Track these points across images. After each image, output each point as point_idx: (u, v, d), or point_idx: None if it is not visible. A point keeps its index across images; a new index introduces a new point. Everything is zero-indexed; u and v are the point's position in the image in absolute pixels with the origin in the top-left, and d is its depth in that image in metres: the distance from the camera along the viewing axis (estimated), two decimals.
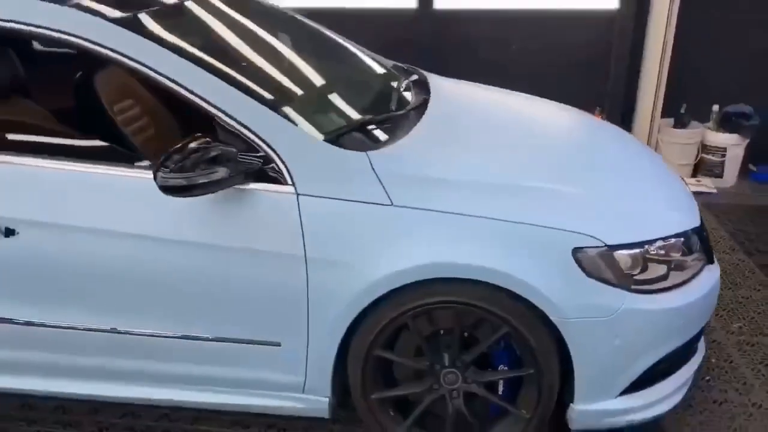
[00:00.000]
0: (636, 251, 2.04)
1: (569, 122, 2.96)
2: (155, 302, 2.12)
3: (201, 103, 2.00)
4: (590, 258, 1.98)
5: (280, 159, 2.00)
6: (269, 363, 2.18)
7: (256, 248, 2.02)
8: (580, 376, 2.07)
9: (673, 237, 2.14)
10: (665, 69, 4.66)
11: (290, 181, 2.00)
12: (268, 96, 2.15)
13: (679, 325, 2.15)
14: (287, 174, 2.00)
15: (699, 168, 4.84)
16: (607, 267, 1.99)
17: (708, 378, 2.70)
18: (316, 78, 2.63)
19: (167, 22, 2.33)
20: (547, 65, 4.73)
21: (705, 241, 2.30)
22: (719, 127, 4.73)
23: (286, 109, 2.14)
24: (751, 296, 3.30)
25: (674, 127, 4.81)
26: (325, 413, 2.25)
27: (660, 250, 2.10)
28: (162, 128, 3.08)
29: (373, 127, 2.29)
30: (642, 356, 2.09)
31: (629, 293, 2.01)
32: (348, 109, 2.44)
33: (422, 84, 2.91)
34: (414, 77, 3.00)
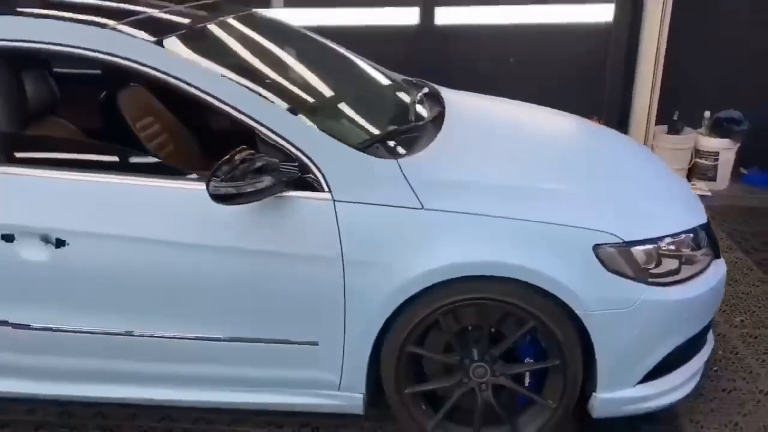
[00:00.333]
0: (650, 247, 2.19)
1: (577, 129, 3.13)
2: (201, 307, 2.23)
3: (243, 119, 2.12)
4: (610, 254, 2.12)
5: (317, 168, 2.13)
6: (307, 362, 2.29)
7: (296, 252, 2.14)
8: (602, 366, 2.20)
9: (683, 233, 2.29)
10: (658, 78, 4.86)
11: (327, 189, 2.12)
12: (304, 110, 2.29)
13: (692, 316, 2.29)
14: (324, 182, 2.13)
15: (693, 172, 5.02)
16: (626, 262, 2.13)
17: (716, 368, 2.84)
18: (342, 92, 2.77)
19: (199, 45, 2.46)
20: (546, 77, 4.90)
21: (711, 237, 2.45)
22: (711, 133, 4.93)
23: (321, 122, 2.27)
24: (751, 291, 3.46)
25: (668, 134, 4.99)
26: (360, 409, 2.36)
27: (671, 246, 2.24)
28: (180, 144, 3.22)
29: (400, 137, 2.44)
30: (659, 346, 2.23)
31: (646, 286, 2.15)
32: (375, 121, 2.57)
33: (434, 96, 3.06)
34: (425, 90, 3.16)
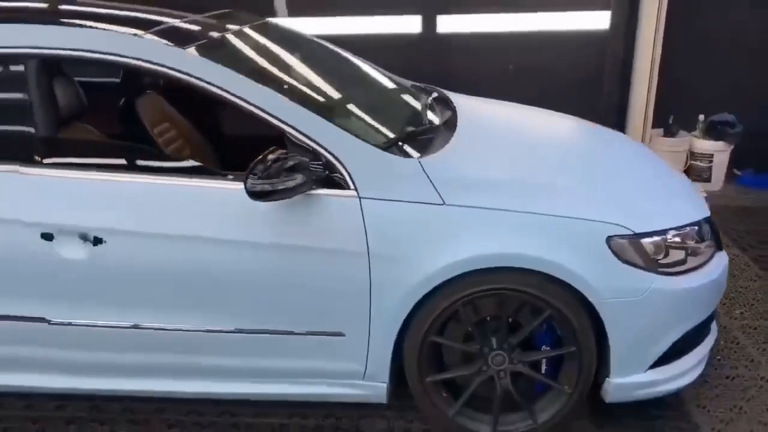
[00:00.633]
0: (659, 238, 2.31)
1: (581, 130, 3.27)
2: (232, 301, 2.33)
3: (273, 121, 2.24)
4: (622, 245, 2.24)
5: (343, 167, 2.24)
6: (333, 353, 2.39)
7: (324, 247, 2.25)
8: (615, 352, 2.32)
9: (688, 226, 2.42)
10: (654, 83, 5.01)
11: (353, 186, 2.24)
12: (329, 112, 2.40)
13: (698, 303, 2.42)
14: (350, 180, 2.24)
15: (688, 174, 5.15)
16: (636, 253, 2.26)
17: (719, 357, 2.97)
18: (358, 96, 2.89)
19: (223, 53, 2.57)
20: (544, 82, 5.04)
21: (714, 230, 2.58)
22: (705, 135, 5.08)
23: (346, 123, 2.39)
24: (749, 286, 3.60)
25: (664, 137, 5.15)
26: (383, 398, 2.47)
27: (677, 238, 2.37)
28: (195, 148, 3.32)
29: (418, 138, 2.56)
30: (668, 332, 2.35)
31: (656, 276, 2.27)
32: (393, 123, 2.69)
33: (444, 100, 3.19)
34: (434, 94, 3.29)
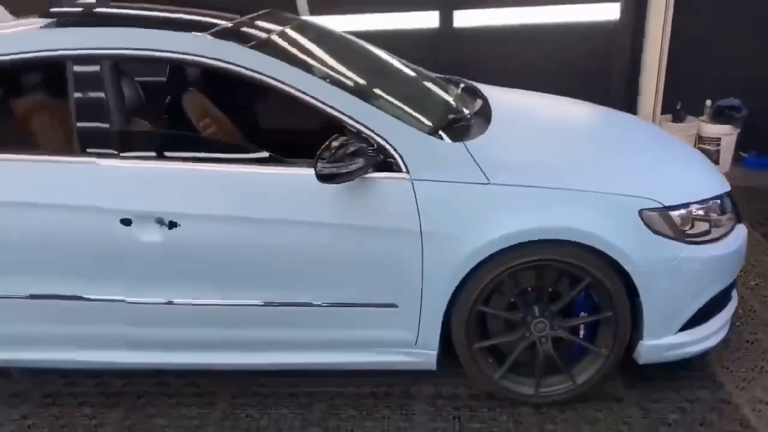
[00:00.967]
0: (685, 211, 2.52)
1: (602, 114, 3.49)
2: (298, 278, 2.53)
3: (333, 112, 2.44)
4: (653, 217, 2.45)
5: (396, 152, 2.44)
6: (387, 322, 2.60)
7: (381, 226, 2.45)
8: (648, 316, 2.52)
9: (711, 200, 2.63)
10: (663, 71, 5.23)
11: (405, 169, 2.44)
12: (379, 103, 2.61)
13: (722, 271, 2.64)
14: (402, 163, 2.44)
15: None
16: (666, 223, 2.47)
17: (738, 324, 3.18)
18: (399, 87, 3.09)
19: (276, 51, 2.75)
20: (557, 72, 5.26)
21: (734, 204, 2.79)
22: (712, 120, 5.30)
23: (396, 112, 2.60)
24: (762, 260, 3.83)
25: (673, 122, 5.36)
26: (433, 365, 2.68)
27: (701, 211, 2.58)
28: (234, 140, 3.52)
29: (460, 124, 2.77)
30: (696, 297, 2.57)
31: (684, 245, 2.49)
32: (435, 110, 2.90)
33: (471, 90, 3.40)
34: (461, 85, 3.50)
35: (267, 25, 3.14)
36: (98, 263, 2.54)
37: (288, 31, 3.11)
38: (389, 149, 2.45)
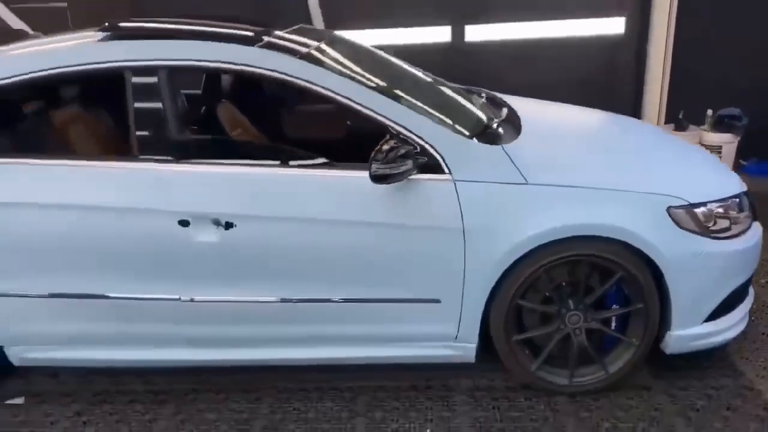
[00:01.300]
0: (708, 208, 2.69)
1: (619, 120, 3.69)
2: (349, 274, 2.66)
3: (380, 119, 2.59)
4: (679, 214, 2.62)
5: (440, 155, 2.60)
6: (430, 317, 2.74)
7: (425, 225, 2.60)
8: (677, 308, 2.69)
9: (731, 198, 2.80)
10: (666, 83, 5.45)
11: (448, 171, 2.60)
12: (420, 109, 2.77)
13: (743, 265, 2.81)
14: (445, 165, 2.60)
15: None
16: (692, 220, 2.64)
17: (753, 318, 3.35)
18: (432, 96, 3.26)
19: (324, 64, 2.90)
20: (565, 81, 5.46)
21: (750, 203, 2.97)
22: (714, 129, 5.51)
23: (436, 118, 2.76)
24: None
25: (675, 130, 5.56)
26: (472, 358, 2.82)
27: (721, 209, 2.75)
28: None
29: (494, 129, 2.93)
30: (720, 289, 2.74)
31: (709, 240, 2.66)
32: (469, 117, 3.07)
33: (493, 99, 3.58)
34: (483, 94, 3.69)
35: (304, 39, 3.31)
36: (157, 263, 2.66)
37: (323, 46, 3.27)
38: (433, 152, 2.60)
